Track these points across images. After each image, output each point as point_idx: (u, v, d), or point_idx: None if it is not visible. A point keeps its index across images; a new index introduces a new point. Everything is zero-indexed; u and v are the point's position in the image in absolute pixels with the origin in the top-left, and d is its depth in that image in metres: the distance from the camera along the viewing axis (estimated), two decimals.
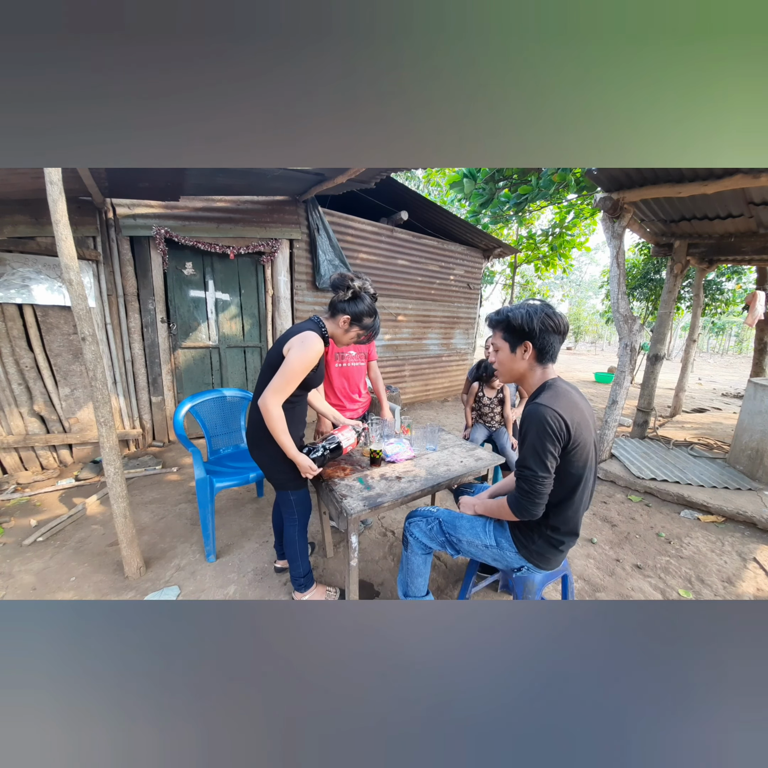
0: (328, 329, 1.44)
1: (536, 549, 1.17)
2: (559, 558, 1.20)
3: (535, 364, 1.11)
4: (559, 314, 1.08)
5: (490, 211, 5.60)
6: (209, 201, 3.34)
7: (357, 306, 1.39)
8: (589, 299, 30.09)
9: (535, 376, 1.13)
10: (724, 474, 3.01)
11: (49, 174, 1.40)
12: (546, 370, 1.12)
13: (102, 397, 1.61)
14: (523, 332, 1.08)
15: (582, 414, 1.04)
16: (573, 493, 1.08)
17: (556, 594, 1.76)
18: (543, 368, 1.12)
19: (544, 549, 1.16)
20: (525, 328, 1.07)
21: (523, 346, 1.09)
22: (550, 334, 1.07)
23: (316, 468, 1.42)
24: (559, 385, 1.09)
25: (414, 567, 1.41)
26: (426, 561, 1.42)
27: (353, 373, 2.13)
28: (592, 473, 1.11)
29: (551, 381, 1.10)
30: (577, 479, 1.06)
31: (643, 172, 2.51)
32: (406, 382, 5.36)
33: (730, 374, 12.18)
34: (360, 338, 1.47)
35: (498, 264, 10.96)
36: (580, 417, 1.03)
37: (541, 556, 1.18)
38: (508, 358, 1.14)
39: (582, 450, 1.04)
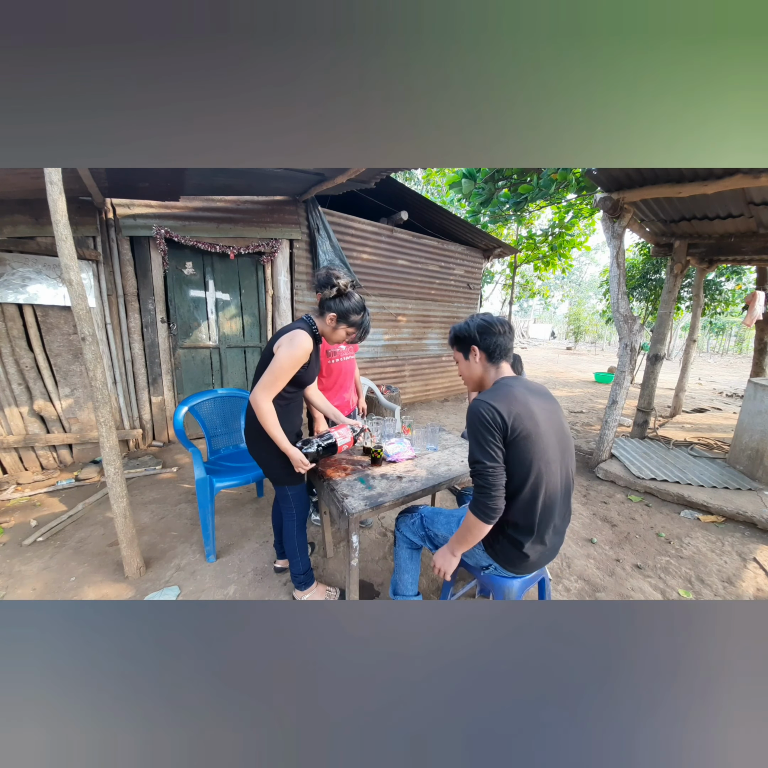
0: (319, 327, 1.46)
1: (500, 548, 1.19)
2: (527, 564, 1.18)
3: (488, 364, 1.23)
4: (495, 318, 1.22)
5: (489, 211, 5.61)
6: (209, 201, 3.34)
7: (343, 303, 1.40)
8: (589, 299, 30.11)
9: (489, 377, 1.24)
10: (724, 474, 3.01)
11: (49, 174, 1.40)
12: (499, 369, 1.23)
13: (102, 397, 1.61)
14: (466, 339, 1.24)
15: (524, 406, 1.09)
16: (524, 485, 1.09)
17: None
18: (496, 368, 1.23)
19: (507, 549, 1.18)
20: (466, 334, 1.24)
21: (473, 351, 1.23)
22: (489, 336, 1.20)
23: (308, 462, 1.43)
24: (503, 383, 1.17)
25: (401, 562, 1.45)
26: (412, 556, 1.46)
27: (346, 367, 2.17)
28: (551, 467, 1.12)
29: (499, 380, 1.20)
30: (527, 470, 1.08)
31: (643, 172, 2.51)
32: (406, 382, 5.35)
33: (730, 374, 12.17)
34: (349, 336, 1.46)
35: (498, 264, 10.97)
36: (521, 408, 1.08)
37: (506, 556, 1.19)
38: (465, 366, 1.28)
39: (526, 440, 1.07)
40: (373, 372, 4.89)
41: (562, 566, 2.00)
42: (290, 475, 1.48)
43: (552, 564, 1.99)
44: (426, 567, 1.89)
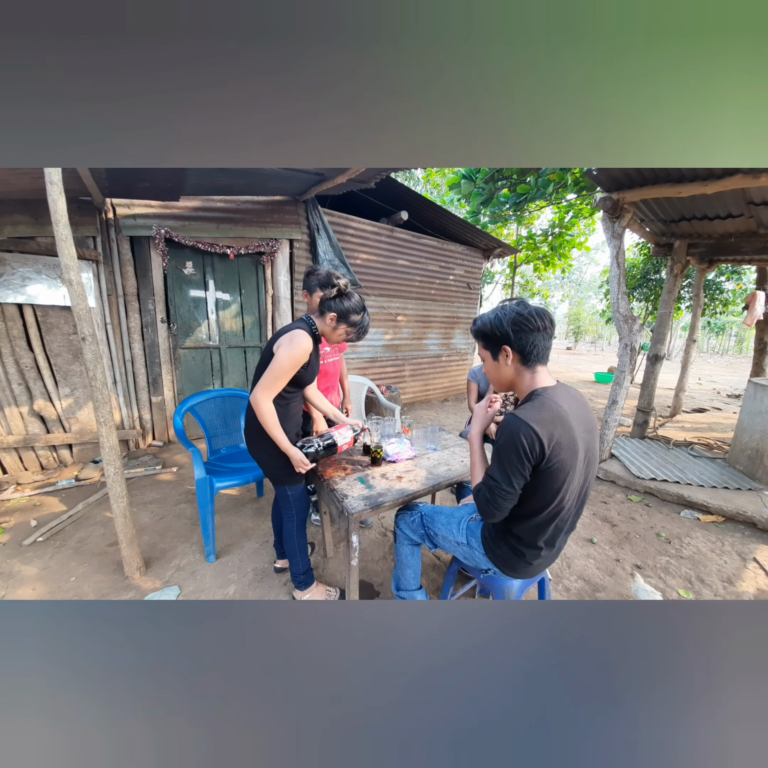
0: (318, 327, 1.46)
1: (501, 554, 1.17)
2: (528, 570, 1.17)
3: (522, 367, 1.03)
4: (533, 310, 0.99)
5: (489, 211, 5.61)
6: (209, 201, 3.34)
7: (343, 303, 1.41)
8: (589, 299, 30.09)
9: (524, 382, 1.05)
10: (724, 474, 3.01)
11: (49, 174, 1.40)
12: (535, 375, 1.03)
13: (102, 397, 1.61)
14: (497, 337, 1.02)
15: (568, 432, 0.95)
16: (542, 510, 1.02)
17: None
18: (531, 372, 1.03)
19: (508, 556, 1.16)
20: (497, 332, 1.01)
21: (503, 352, 1.02)
22: (526, 334, 0.98)
23: (308, 462, 1.43)
24: (546, 395, 0.99)
25: (402, 558, 1.46)
26: (413, 552, 1.46)
27: (332, 368, 2.16)
28: (574, 496, 1.04)
29: (540, 390, 1.02)
30: (549, 499, 1.00)
31: (643, 172, 2.51)
32: (406, 382, 5.35)
33: (730, 374, 12.18)
34: (349, 336, 1.48)
35: (498, 264, 10.97)
36: (563, 435, 0.94)
37: (507, 562, 1.17)
38: (493, 367, 1.08)
39: (558, 472, 0.96)
40: (373, 372, 4.89)
41: (562, 566, 2.00)
42: (290, 475, 1.48)
43: (552, 564, 1.99)
44: (425, 567, 1.89)
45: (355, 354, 4.68)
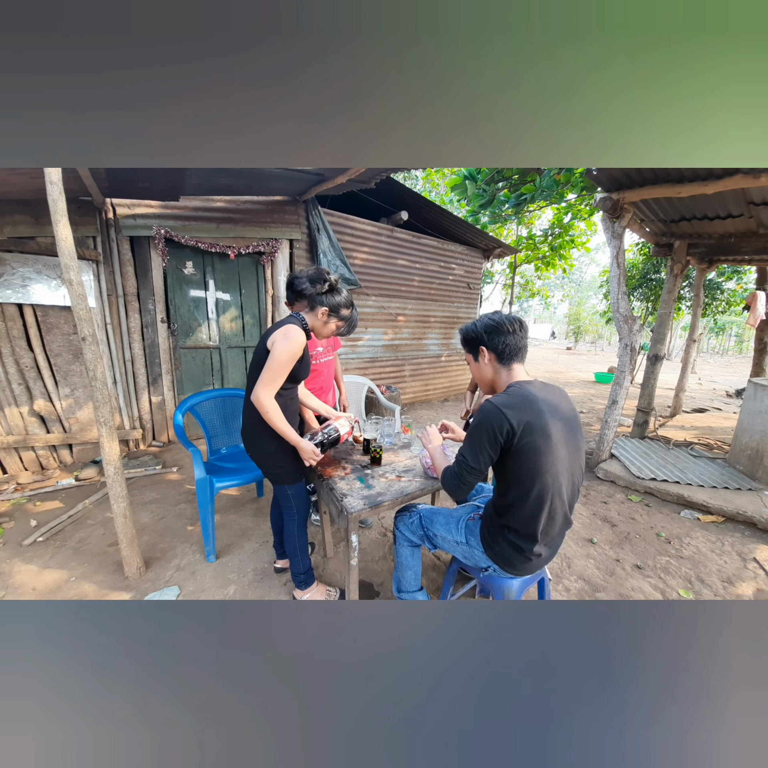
0: (309, 322, 1.47)
1: (500, 551, 1.19)
2: (527, 566, 1.19)
3: (499, 365, 1.19)
4: (504, 317, 1.18)
5: (489, 211, 5.60)
6: (209, 201, 3.34)
7: (334, 298, 1.44)
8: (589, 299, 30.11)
9: (501, 378, 1.20)
10: (724, 474, 3.01)
11: (49, 174, 1.40)
12: (511, 372, 1.18)
13: (102, 397, 1.61)
14: (474, 341, 1.21)
15: (537, 417, 1.06)
16: (527, 495, 1.08)
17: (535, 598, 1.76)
18: (508, 369, 1.18)
19: (507, 552, 1.18)
20: (473, 335, 1.21)
21: (481, 353, 1.20)
22: (498, 335, 1.16)
23: (319, 453, 1.45)
24: (519, 386, 1.13)
25: (402, 560, 1.47)
26: (413, 553, 1.47)
27: (325, 368, 2.16)
28: (559, 479, 1.10)
29: (514, 383, 1.15)
30: (531, 482, 1.07)
31: (643, 172, 2.51)
32: (406, 382, 5.35)
33: (730, 374, 12.18)
34: (339, 330, 1.52)
35: (498, 264, 10.97)
36: (532, 419, 1.05)
37: (506, 559, 1.19)
38: (476, 368, 1.25)
39: (531, 452, 1.05)
40: (373, 372, 4.89)
41: (562, 566, 2.00)
42: (289, 473, 1.48)
43: (552, 564, 1.99)
44: (425, 567, 1.89)
45: (355, 354, 4.68)
